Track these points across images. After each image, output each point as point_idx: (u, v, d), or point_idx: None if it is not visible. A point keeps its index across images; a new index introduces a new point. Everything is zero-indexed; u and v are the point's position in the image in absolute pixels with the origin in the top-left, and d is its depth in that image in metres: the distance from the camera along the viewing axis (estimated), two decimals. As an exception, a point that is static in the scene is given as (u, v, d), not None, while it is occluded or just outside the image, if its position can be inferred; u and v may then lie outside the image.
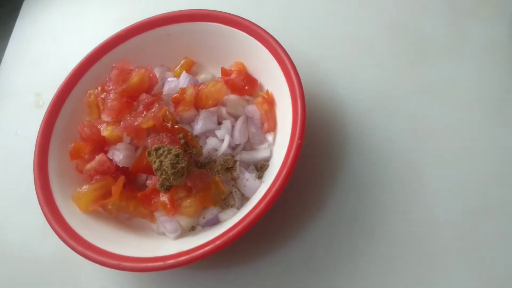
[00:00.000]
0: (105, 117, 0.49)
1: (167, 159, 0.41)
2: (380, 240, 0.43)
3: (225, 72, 0.51)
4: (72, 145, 0.48)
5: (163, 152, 0.42)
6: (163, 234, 0.46)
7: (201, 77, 0.53)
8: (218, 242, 0.39)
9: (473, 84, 0.49)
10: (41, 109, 0.63)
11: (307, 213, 0.46)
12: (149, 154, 0.42)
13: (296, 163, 0.40)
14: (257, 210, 0.39)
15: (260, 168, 0.47)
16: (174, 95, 0.48)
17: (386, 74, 0.52)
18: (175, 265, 0.39)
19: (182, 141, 0.44)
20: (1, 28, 0.77)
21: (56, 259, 0.50)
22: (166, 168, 0.41)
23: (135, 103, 0.48)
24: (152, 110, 0.45)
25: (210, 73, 0.54)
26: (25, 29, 0.74)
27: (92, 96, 0.51)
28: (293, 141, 0.42)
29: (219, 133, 0.47)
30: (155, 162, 0.42)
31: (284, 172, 0.40)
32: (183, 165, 0.42)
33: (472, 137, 0.47)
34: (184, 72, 0.51)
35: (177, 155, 0.42)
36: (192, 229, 0.46)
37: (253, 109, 0.49)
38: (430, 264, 0.41)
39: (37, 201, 0.45)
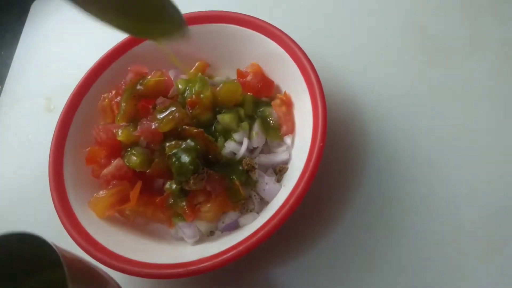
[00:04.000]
0: (120, 120, 0.48)
1: (187, 163, 0.41)
2: (404, 242, 0.42)
3: (240, 74, 0.50)
4: (88, 150, 0.48)
5: (183, 155, 0.41)
6: (182, 239, 0.45)
7: (216, 79, 0.52)
8: (241, 247, 0.38)
9: (494, 83, 0.48)
10: (52, 113, 0.63)
11: (328, 217, 0.45)
12: (169, 158, 0.42)
13: (318, 166, 0.40)
14: (280, 215, 0.38)
15: (279, 171, 0.46)
16: (190, 98, 0.47)
17: (404, 73, 0.51)
18: (197, 272, 0.38)
19: (200, 145, 0.43)
20: (10, 33, 0.76)
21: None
22: (186, 172, 0.41)
23: (150, 106, 0.48)
24: (170, 113, 0.44)
25: (225, 75, 0.53)
26: (33, 33, 0.74)
27: (106, 100, 0.50)
28: (314, 143, 0.41)
29: (236, 136, 0.46)
30: (174, 165, 0.41)
31: (306, 175, 0.39)
32: (203, 168, 0.41)
33: (494, 136, 0.46)
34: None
35: (197, 159, 0.41)
36: (210, 234, 0.46)
37: (271, 111, 0.48)
38: (455, 266, 0.41)
39: (52, 207, 0.45)
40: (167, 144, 0.43)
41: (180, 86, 0.48)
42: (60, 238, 0.49)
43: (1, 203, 0.57)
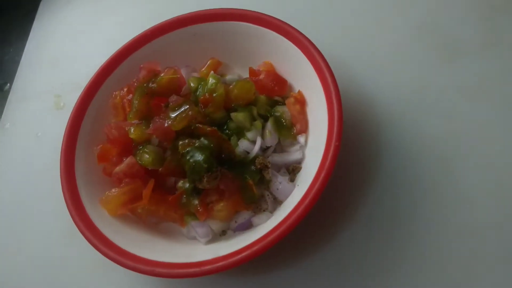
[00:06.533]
0: (132, 118, 0.48)
1: (201, 161, 0.40)
2: (418, 244, 0.42)
3: (253, 73, 0.50)
4: (99, 147, 0.47)
5: (196, 154, 0.41)
6: (194, 238, 0.45)
7: (228, 77, 0.51)
8: (256, 247, 0.37)
9: (507, 82, 0.48)
10: (61, 110, 0.62)
11: (341, 217, 0.45)
12: (183, 156, 0.41)
13: (334, 166, 0.39)
14: (296, 215, 0.38)
15: (292, 170, 0.46)
16: (203, 96, 0.46)
17: (420, 74, 0.50)
18: (211, 271, 0.38)
19: (214, 143, 0.43)
20: (19, 29, 0.76)
21: (83, 264, 0.49)
22: (200, 171, 0.40)
23: (163, 104, 0.47)
24: (183, 112, 0.44)
25: (237, 73, 0.53)
26: (42, 30, 0.74)
27: (118, 98, 0.50)
28: (330, 143, 0.40)
29: (249, 135, 0.46)
30: (188, 164, 0.41)
31: (322, 175, 0.39)
32: (217, 167, 0.41)
33: (508, 136, 0.45)
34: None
35: (211, 157, 0.40)
36: (223, 234, 0.45)
37: (284, 110, 0.48)
38: (471, 268, 0.40)
39: (61, 205, 0.44)
40: (180, 142, 0.43)
41: (192, 84, 0.48)
42: (71, 237, 0.49)
43: (10, 201, 0.57)
